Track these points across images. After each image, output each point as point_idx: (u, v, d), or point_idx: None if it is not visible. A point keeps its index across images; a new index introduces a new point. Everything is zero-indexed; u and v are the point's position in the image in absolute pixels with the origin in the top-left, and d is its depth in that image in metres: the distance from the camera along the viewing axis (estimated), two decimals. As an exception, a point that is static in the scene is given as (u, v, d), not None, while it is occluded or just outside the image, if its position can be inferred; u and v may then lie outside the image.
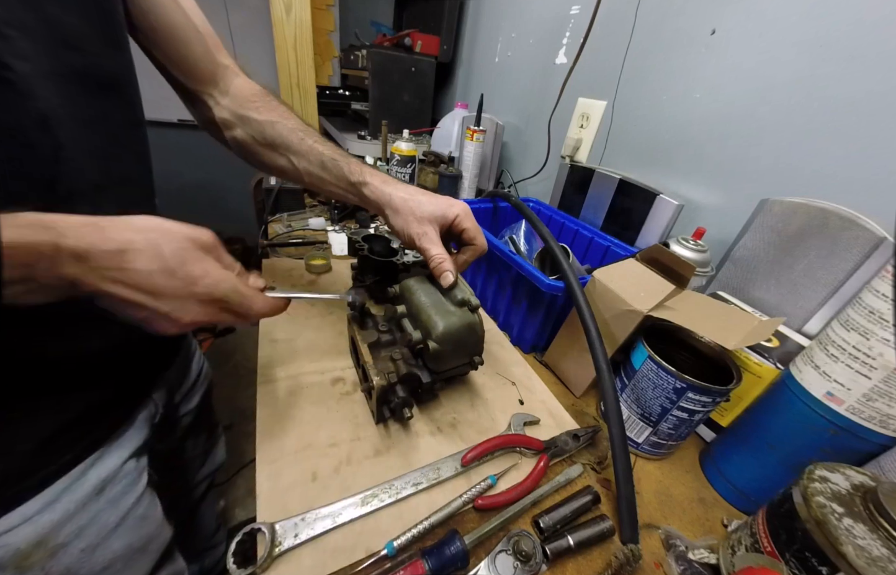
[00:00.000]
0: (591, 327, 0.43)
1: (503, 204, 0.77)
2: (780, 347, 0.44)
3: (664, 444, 0.44)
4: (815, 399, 0.35)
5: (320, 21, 1.69)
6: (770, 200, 0.49)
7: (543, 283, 0.48)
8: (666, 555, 0.36)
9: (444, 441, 0.42)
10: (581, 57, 0.85)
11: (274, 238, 0.77)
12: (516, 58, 1.13)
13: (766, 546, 0.31)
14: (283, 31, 1.35)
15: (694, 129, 0.66)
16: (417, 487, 0.36)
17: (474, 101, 0.94)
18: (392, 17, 1.89)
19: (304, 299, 0.45)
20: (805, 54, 0.51)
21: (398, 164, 0.87)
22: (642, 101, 0.75)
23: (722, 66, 0.61)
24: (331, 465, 0.37)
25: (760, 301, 0.51)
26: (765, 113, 0.56)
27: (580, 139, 0.86)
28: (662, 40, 0.70)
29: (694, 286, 0.50)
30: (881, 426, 0.32)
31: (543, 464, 0.40)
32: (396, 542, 0.31)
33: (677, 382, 0.39)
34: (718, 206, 0.64)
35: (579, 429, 0.46)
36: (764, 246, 0.50)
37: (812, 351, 0.36)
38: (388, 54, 1.33)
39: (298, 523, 0.31)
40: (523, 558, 0.32)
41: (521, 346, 0.60)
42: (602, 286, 0.47)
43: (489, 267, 0.60)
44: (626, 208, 0.70)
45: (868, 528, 0.26)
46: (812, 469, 0.31)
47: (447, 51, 1.41)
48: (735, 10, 0.59)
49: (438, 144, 1.16)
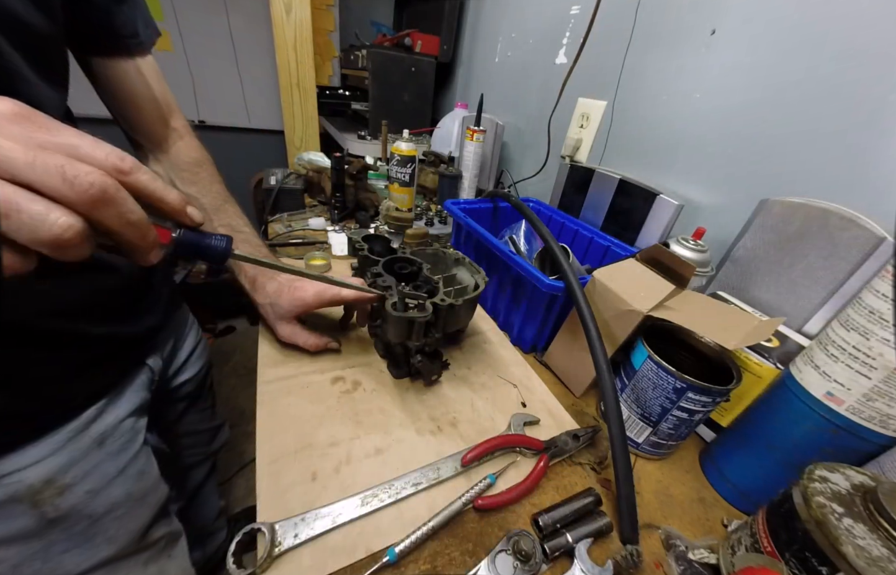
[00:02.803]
0: (591, 327, 0.43)
1: (503, 204, 0.77)
2: (780, 347, 0.44)
3: (664, 444, 0.44)
4: (815, 399, 0.35)
5: (320, 21, 1.69)
6: (770, 200, 0.49)
7: (543, 284, 0.48)
8: (666, 555, 0.36)
9: (444, 441, 0.42)
10: (581, 57, 0.85)
11: (274, 238, 0.77)
12: (516, 58, 1.13)
13: (766, 546, 0.31)
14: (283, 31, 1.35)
15: (694, 129, 0.66)
16: (417, 487, 0.36)
17: (474, 101, 0.94)
18: (392, 17, 1.89)
19: None
20: (805, 54, 0.51)
21: (398, 164, 0.87)
22: (642, 101, 0.75)
23: (722, 67, 0.61)
24: (331, 465, 0.37)
25: (760, 301, 0.51)
26: (765, 113, 0.56)
27: (580, 139, 0.86)
28: (662, 40, 0.70)
29: (694, 286, 0.50)
30: (881, 426, 0.32)
31: (543, 464, 0.40)
32: (398, 547, 0.31)
33: (677, 382, 0.39)
34: (718, 206, 0.64)
35: (579, 429, 0.46)
36: (764, 246, 0.50)
37: (812, 351, 0.36)
38: (388, 54, 1.33)
39: (298, 523, 0.31)
40: (523, 558, 0.32)
41: (521, 346, 0.60)
42: (602, 286, 0.47)
43: (489, 267, 0.60)
44: (626, 208, 0.70)
45: (868, 528, 0.26)
46: (812, 469, 0.31)
47: (447, 51, 1.41)
48: (735, 10, 0.59)
49: (438, 144, 1.16)
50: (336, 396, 0.44)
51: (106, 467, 0.41)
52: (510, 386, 0.51)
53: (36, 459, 0.35)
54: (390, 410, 0.44)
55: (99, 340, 0.41)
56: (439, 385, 0.49)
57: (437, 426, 0.43)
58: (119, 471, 0.42)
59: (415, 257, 0.52)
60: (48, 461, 0.36)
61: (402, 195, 0.91)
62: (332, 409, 0.43)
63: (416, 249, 0.55)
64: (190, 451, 0.66)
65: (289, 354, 0.48)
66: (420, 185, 1.06)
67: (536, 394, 0.51)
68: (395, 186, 0.90)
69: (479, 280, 0.50)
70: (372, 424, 0.42)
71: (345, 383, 0.46)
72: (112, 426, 0.42)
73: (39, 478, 0.35)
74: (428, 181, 1.06)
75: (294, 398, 0.43)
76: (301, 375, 0.46)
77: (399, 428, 0.42)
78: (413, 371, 0.48)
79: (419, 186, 1.05)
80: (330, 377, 0.46)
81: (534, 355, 0.60)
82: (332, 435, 0.40)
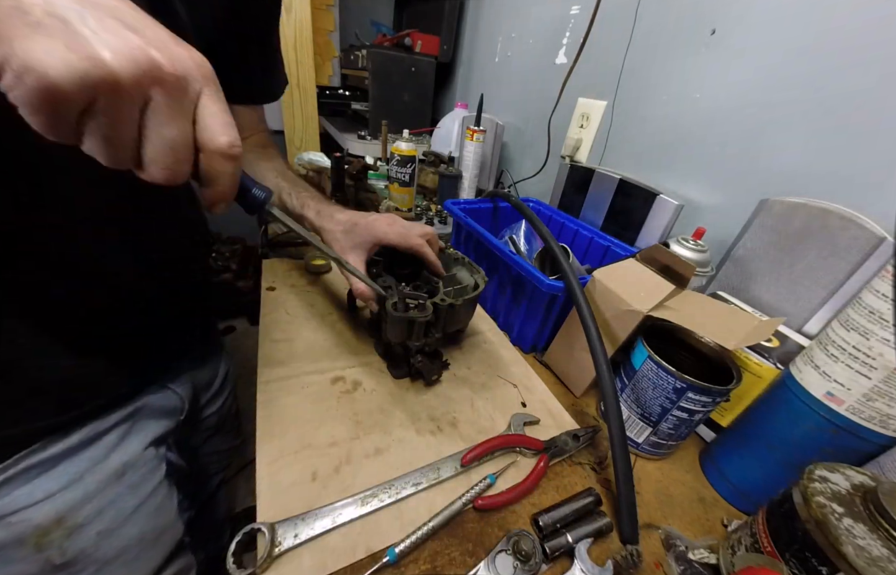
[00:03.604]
0: (591, 327, 0.43)
1: (503, 204, 0.77)
2: (780, 347, 0.44)
3: (664, 444, 0.44)
4: (815, 399, 0.35)
5: (320, 21, 1.69)
6: (770, 200, 0.49)
7: (543, 283, 0.48)
8: (666, 555, 0.36)
9: (444, 441, 0.42)
10: (581, 57, 0.85)
11: (274, 238, 0.77)
12: (516, 58, 1.13)
13: (766, 546, 0.31)
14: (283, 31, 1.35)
15: (694, 129, 0.66)
16: (417, 487, 0.36)
17: (474, 101, 0.94)
18: (392, 17, 1.89)
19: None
20: (805, 54, 0.51)
21: (398, 164, 0.87)
22: (642, 101, 0.75)
23: (722, 66, 0.61)
24: (331, 464, 0.37)
25: (760, 301, 0.51)
26: (765, 113, 0.56)
27: (580, 139, 0.86)
28: (662, 40, 0.70)
29: (694, 286, 0.50)
30: (881, 426, 0.32)
31: (543, 464, 0.40)
32: (398, 548, 0.31)
33: (677, 382, 0.39)
34: (718, 206, 0.64)
35: (579, 429, 0.46)
36: (764, 246, 0.50)
37: (812, 351, 0.36)
38: (388, 54, 1.33)
39: (298, 523, 0.31)
40: (523, 558, 0.32)
41: (521, 346, 0.60)
42: (602, 286, 0.47)
43: (489, 267, 0.60)
44: (626, 208, 0.70)
45: (868, 528, 0.26)
46: (812, 469, 0.31)
47: (447, 51, 1.41)
48: (735, 10, 0.59)
49: (438, 144, 1.16)
50: (336, 396, 0.44)
51: (123, 503, 0.37)
52: (510, 386, 0.51)
53: (48, 494, 0.32)
54: (390, 410, 0.44)
55: (127, 336, 0.38)
56: (439, 385, 0.49)
57: (437, 426, 0.43)
58: (137, 506, 0.39)
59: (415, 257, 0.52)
60: (62, 496, 0.32)
61: (402, 195, 0.91)
62: (332, 409, 0.43)
63: None
64: (209, 467, 0.66)
65: (289, 354, 0.48)
66: (420, 185, 1.06)
67: (536, 394, 0.51)
68: (395, 186, 0.90)
69: (479, 280, 0.50)
70: (372, 424, 0.42)
71: (345, 383, 0.46)
72: (135, 456, 0.39)
73: (48, 517, 0.32)
74: (428, 181, 1.06)
75: (294, 398, 0.43)
76: (301, 375, 0.46)
77: (399, 428, 0.42)
78: (413, 371, 0.48)
79: (419, 186, 1.05)
80: (330, 377, 0.46)
81: (534, 355, 0.60)
82: (332, 435, 0.40)
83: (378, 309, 0.44)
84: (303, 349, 0.50)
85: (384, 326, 0.44)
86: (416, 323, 0.41)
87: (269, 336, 0.50)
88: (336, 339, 0.53)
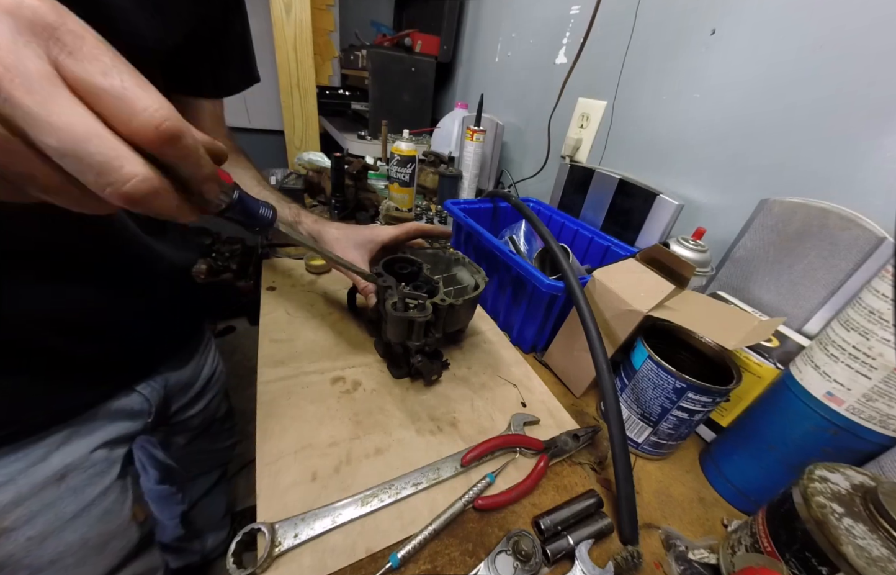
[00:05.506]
0: (591, 327, 0.43)
1: (503, 204, 0.77)
2: (780, 347, 0.44)
3: (664, 444, 0.44)
4: (815, 399, 0.35)
5: (320, 21, 1.69)
6: (770, 200, 0.49)
7: (543, 284, 0.48)
8: (666, 555, 0.36)
9: (444, 441, 0.42)
10: (581, 57, 0.85)
11: (273, 238, 0.77)
12: (516, 58, 1.13)
13: (766, 546, 0.31)
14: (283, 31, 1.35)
15: (694, 129, 0.66)
16: (417, 487, 0.36)
17: (474, 101, 0.94)
18: (392, 17, 1.89)
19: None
20: (805, 54, 0.51)
21: (398, 164, 0.87)
22: (642, 101, 0.75)
23: (722, 66, 0.61)
24: (331, 464, 0.37)
25: (760, 301, 0.51)
26: (765, 113, 0.56)
27: (580, 139, 0.86)
28: (662, 40, 0.70)
29: (694, 286, 0.50)
30: (881, 426, 0.32)
31: (543, 464, 0.40)
32: (400, 553, 0.31)
33: (677, 382, 0.39)
34: (718, 206, 0.64)
35: (579, 429, 0.46)
36: (764, 246, 0.50)
37: (812, 351, 0.36)
38: (388, 54, 1.33)
39: (298, 523, 0.31)
40: (523, 558, 0.32)
41: (521, 346, 0.60)
42: (602, 286, 0.47)
43: (489, 267, 0.60)
44: (626, 208, 0.70)
45: (868, 528, 0.26)
46: (812, 469, 0.31)
47: (447, 51, 1.41)
48: (735, 10, 0.59)
49: (438, 144, 1.16)
50: (336, 396, 0.44)
51: (63, 507, 0.34)
52: (510, 386, 0.51)
53: None
54: (390, 410, 0.44)
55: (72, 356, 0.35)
56: (439, 385, 0.49)
57: (437, 426, 0.43)
58: (79, 510, 0.36)
59: (415, 257, 0.52)
60: None
61: (402, 195, 0.91)
62: (332, 409, 0.43)
63: (416, 249, 0.55)
64: (201, 465, 0.65)
65: (289, 354, 0.48)
66: (420, 185, 1.06)
67: (536, 394, 0.51)
68: (395, 186, 0.90)
69: (479, 280, 0.50)
70: (372, 424, 0.42)
71: (345, 383, 0.46)
72: (80, 459, 0.36)
73: None
74: (428, 181, 1.06)
75: (294, 398, 0.43)
76: (301, 375, 0.46)
77: (399, 428, 0.42)
78: (413, 371, 0.48)
79: (419, 186, 1.05)
80: (330, 377, 0.46)
81: (534, 355, 0.60)
82: (332, 435, 0.40)
83: (378, 305, 0.44)
84: (303, 349, 0.50)
85: (384, 326, 0.44)
86: (416, 323, 0.41)
87: (268, 336, 0.50)
88: (336, 339, 0.53)
